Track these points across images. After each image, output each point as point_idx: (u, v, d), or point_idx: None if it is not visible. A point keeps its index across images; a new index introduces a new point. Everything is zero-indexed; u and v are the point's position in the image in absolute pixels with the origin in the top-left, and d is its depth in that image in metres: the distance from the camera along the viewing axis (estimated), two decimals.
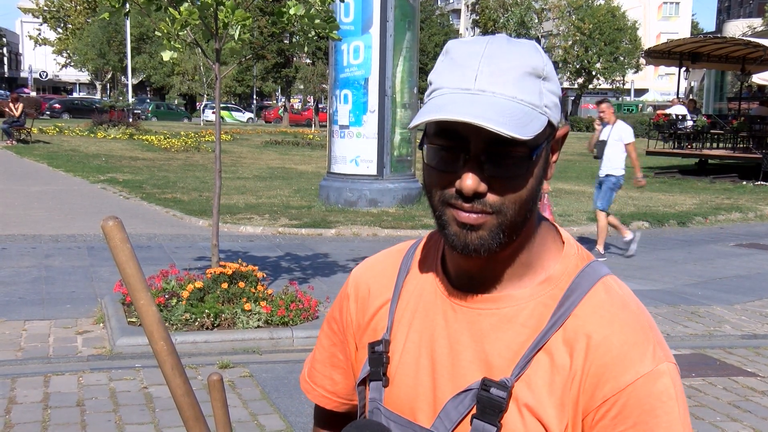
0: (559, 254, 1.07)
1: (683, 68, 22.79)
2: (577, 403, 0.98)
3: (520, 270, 1.05)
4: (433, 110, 0.94)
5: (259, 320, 5.84)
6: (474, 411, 1.01)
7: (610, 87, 59.65)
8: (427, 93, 1.01)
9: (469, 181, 0.95)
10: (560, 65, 52.77)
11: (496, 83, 0.95)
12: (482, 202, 0.97)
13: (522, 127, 0.92)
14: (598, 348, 0.98)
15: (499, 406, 0.99)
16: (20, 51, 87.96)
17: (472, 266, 1.05)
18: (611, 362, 0.97)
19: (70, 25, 61.78)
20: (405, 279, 1.15)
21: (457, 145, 0.96)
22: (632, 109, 55.53)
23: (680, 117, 21.41)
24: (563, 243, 1.09)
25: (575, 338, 0.99)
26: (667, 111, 23.00)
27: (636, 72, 57.79)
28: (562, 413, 0.98)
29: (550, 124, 0.99)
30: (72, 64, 62.30)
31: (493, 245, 0.99)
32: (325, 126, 20.41)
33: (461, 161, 0.96)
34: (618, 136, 9.40)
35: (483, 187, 0.96)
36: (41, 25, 64.01)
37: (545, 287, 1.04)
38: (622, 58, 54.42)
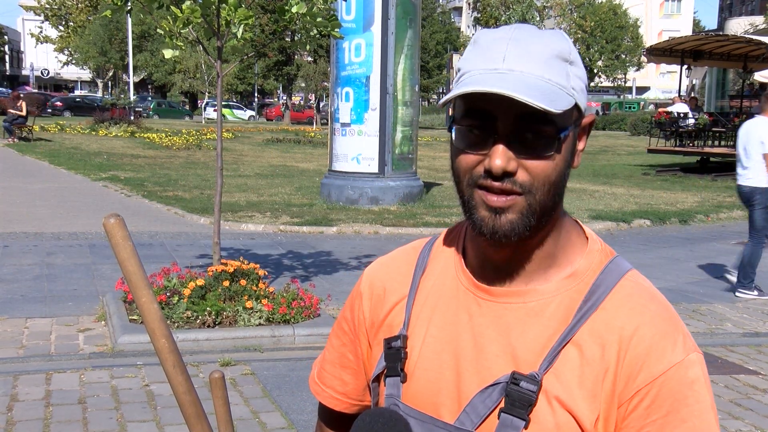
0: (583, 249, 1.07)
1: (685, 66, 22.76)
2: (612, 395, 0.99)
3: (546, 262, 1.05)
4: (462, 86, 0.95)
5: (260, 318, 5.84)
6: (502, 405, 1.00)
7: (612, 85, 59.62)
8: (455, 79, 1.02)
9: (498, 160, 0.95)
10: None
11: (524, 63, 0.96)
12: (512, 181, 0.96)
13: (551, 101, 0.93)
14: (631, 339, 0.99)
15: (529, 400, 0.99)
16: (22, 49, 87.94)
17: (499, 256, 1.05)
18: (644, 353, 0.98)
19: (71, 23, 61.77)
20: (422, 276, 1.15)
21: (485, 125, 0.96)
22: (634, 107, 55.47)
23: (682, 115, 21.39)
24: (587, 239, 1.09)
25: (606, 330, 1.00)
26: (669, 109, 23.00)
27: (637, 70, 57.77)
28: (594, 405, 0.99)
29: (577, 108, 1.00)
30: (73, 61, 62.30)
31: (522, 229, 0.98)
32: (326, 123, 20.41)
33: (490, 141, 0.96)
34: None
35: (513, 165, 0.96)
36: (43, 22, 64.01)
37: (571, 282, 1.04)
38: (623, 56, 54.40)
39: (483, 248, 1.06)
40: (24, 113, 23.71)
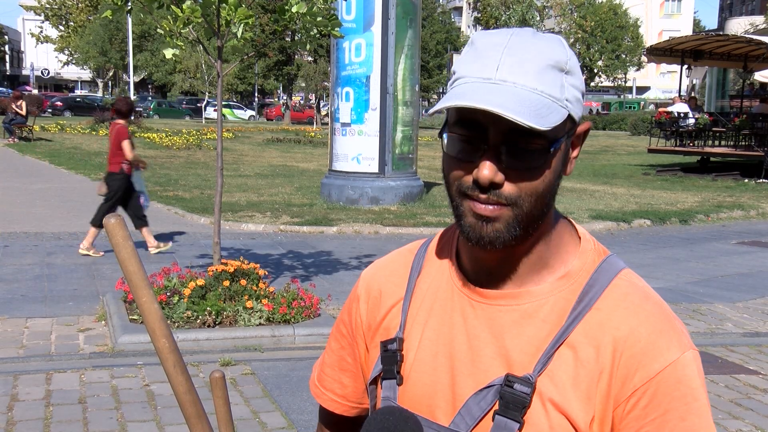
0: (576, 249, 1.07)
1: (685, 66, 22.75)
2: (607, 396, 0.98)
3: (538, 265, 1.05)
4: (453, 97, 0.95)
5: (260, 318, 5.84)
6: (496, 407, 1.00)
7: (612, 85, 59.63)
8: (450, 82, 1.02)
9: (486, 171, 0.95)
10: None
11: (517, 74, 0.95)
12: (498, 194, 0.96)
13: (540, 118, 0.92)
14: (626, 339, 0.99)
15: (523, 402, 0.99)
16: (22, 49, 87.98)
17: (490, 260, 1.05)
18: (640, 352, 0.98)
19: (71, 23, 61.80)
20: (417, 278, 1.15)
21: (476, 135, 0.96)
22: (634, 107, 55.46)
23: (682, 115, 21.38)
24: (580, 239, 1.09)
25: (600, 331, 1.00)
26: (669, 109, 22.98)
27: (638, 70, 57.78)
28: (588, 406, 0.98)
29: (570, 118, 0.99)
30: (74, 61, 62.33)
31: (508, 238, 0.99)
32: (326, 124, 20.44)
33: (480, 151, 0.96)
34: None
35: (500, 177, 0.96)
36: (43, 22, 64.04)
37: (564, 282, 1.04)
38: (623, 56, 54.39)
39: (473, 251, 1.06)
40: (24, 113, 23.70)
